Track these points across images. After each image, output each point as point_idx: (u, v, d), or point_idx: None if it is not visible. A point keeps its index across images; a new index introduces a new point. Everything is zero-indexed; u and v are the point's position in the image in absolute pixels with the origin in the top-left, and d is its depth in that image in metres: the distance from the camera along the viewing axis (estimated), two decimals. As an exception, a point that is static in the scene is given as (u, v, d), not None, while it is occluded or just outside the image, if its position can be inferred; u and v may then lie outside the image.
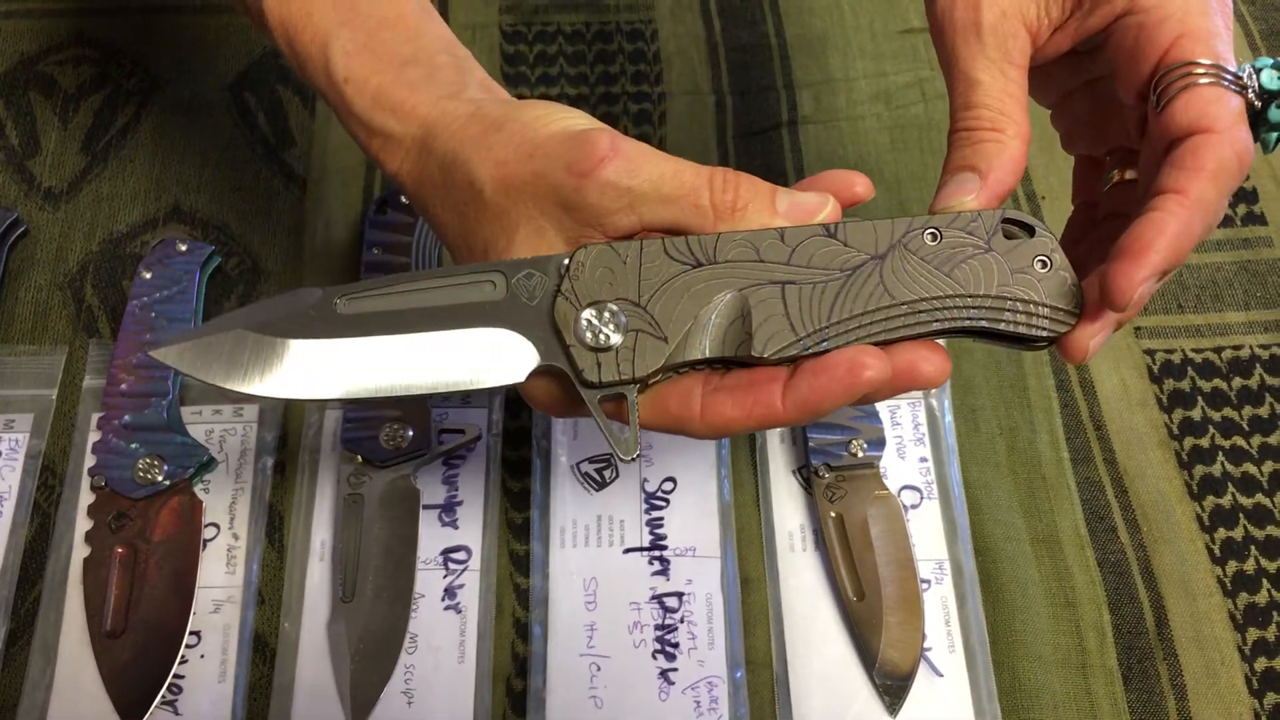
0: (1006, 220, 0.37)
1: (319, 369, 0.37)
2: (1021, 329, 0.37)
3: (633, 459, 0.37)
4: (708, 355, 0.36)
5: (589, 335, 0.36)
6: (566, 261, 0.37)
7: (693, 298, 0.36)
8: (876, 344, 0.36)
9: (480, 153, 0.39)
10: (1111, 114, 0.41)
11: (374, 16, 0.43)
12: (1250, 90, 0.37)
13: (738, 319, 0.36)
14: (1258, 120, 0.38)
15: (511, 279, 0.37)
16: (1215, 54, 0.37)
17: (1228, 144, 0.36)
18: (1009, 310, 0.36)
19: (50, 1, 0.72)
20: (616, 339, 0.36)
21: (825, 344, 0.36)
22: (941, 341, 0.38)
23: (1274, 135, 0.39)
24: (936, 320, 0.36)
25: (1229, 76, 0.37)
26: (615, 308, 0.36)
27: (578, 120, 0.39)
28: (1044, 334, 0.37)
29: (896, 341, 0.36)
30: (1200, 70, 0.37)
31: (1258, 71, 0.38)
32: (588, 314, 0.36)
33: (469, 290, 0.38)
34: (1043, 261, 0.37)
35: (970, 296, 0.36)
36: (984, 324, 0.37)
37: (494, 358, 0.37)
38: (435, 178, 0.40)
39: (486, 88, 0.43)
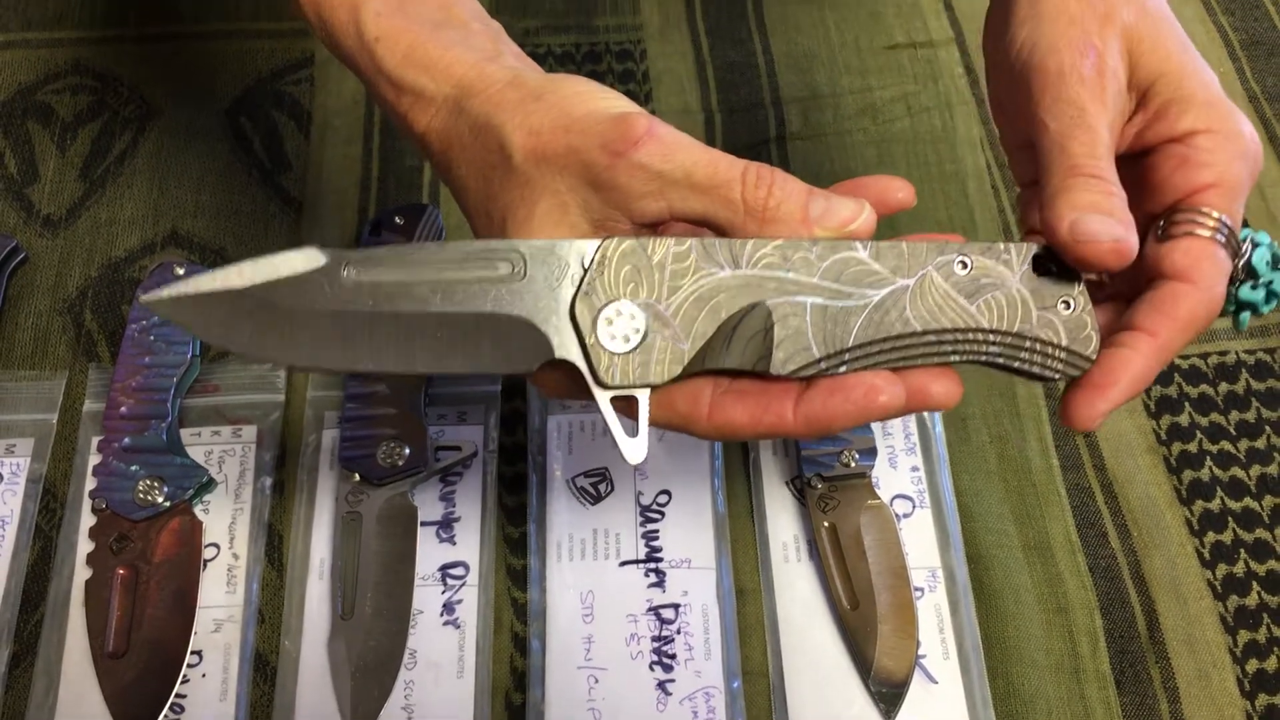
0: (1037, 255, 0.37)
1: (321, 339, 0.35)
2: (1036, 369, 0.37)
3: (640, 462, 0.36)
4: (725, 366, 0.36)
5: (608, 336, 0.35)
6: (593, 253, 0.36)
7: (717, 306, 0.36)
8: (893, 369, 0.36)
9: (515, 119, 0.38)
10: None
11: None
12: (1240, 258, 0.39)
13: (759, 332, 0.36)
14: (1231, 285, 0.39)
15: (532, 261, 0.36)
16: (1233, 211, 0.38)
17: (1205, 300, 0.37)
18: (1026, 350, 0.37)
19: (47, 31, 0.73)
20: (636, 341, 0.35)
21: (844, 367, 0.36)
22: None
23: (1235, 306, 0.40)
24: (955, 352, 0.37)
25: (1228, 235, 0.38)
26: (637, 309, 0.35)
27: (617, 101, 0.39)
28: (1057, 376, 0.37)
29: (912, 368, 0.37)
30: (1211, 223, 0.38)
31: (1254, 246, 0.39)
32: (609, 313, 0.35)
33: (485, 268, 0.36)
34: (1066, 303, 0.37)
35: (991, 332, 0.36)
36: (1000, 361, 0.37)
37: (507, 346, 0.36)
38: (465, 139, 0.40)
39: (520, 57, 0.43)
